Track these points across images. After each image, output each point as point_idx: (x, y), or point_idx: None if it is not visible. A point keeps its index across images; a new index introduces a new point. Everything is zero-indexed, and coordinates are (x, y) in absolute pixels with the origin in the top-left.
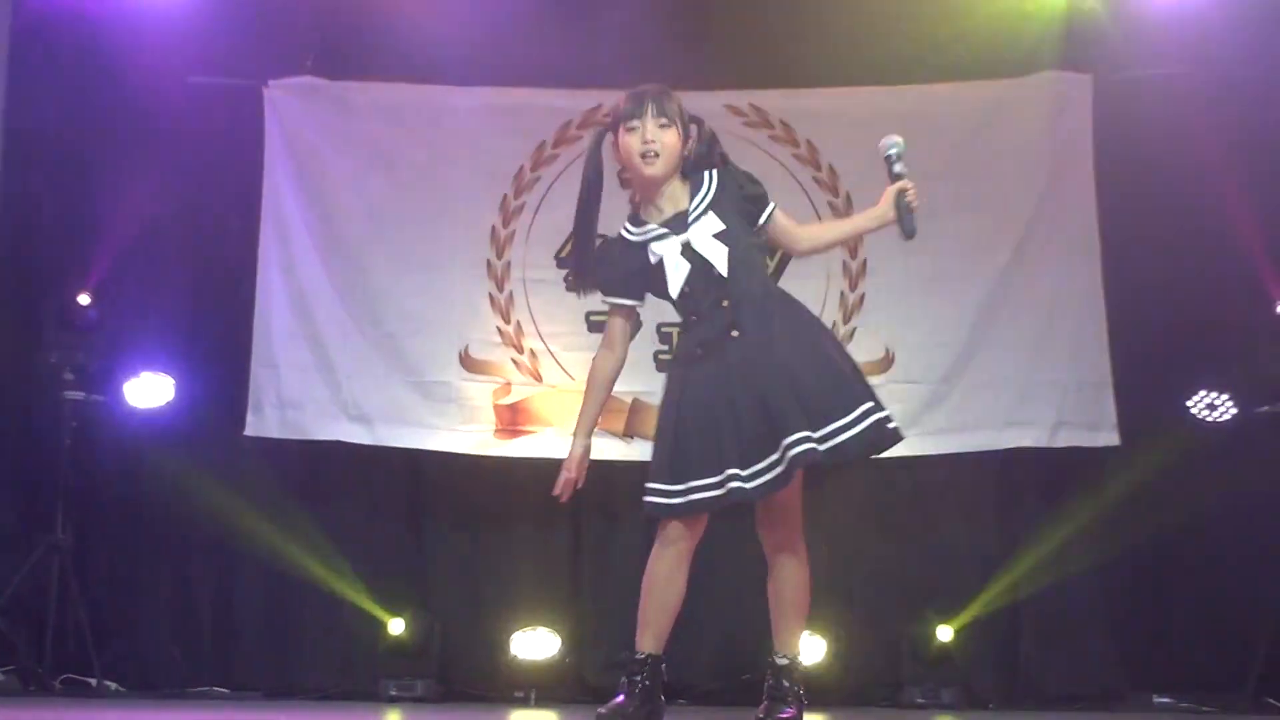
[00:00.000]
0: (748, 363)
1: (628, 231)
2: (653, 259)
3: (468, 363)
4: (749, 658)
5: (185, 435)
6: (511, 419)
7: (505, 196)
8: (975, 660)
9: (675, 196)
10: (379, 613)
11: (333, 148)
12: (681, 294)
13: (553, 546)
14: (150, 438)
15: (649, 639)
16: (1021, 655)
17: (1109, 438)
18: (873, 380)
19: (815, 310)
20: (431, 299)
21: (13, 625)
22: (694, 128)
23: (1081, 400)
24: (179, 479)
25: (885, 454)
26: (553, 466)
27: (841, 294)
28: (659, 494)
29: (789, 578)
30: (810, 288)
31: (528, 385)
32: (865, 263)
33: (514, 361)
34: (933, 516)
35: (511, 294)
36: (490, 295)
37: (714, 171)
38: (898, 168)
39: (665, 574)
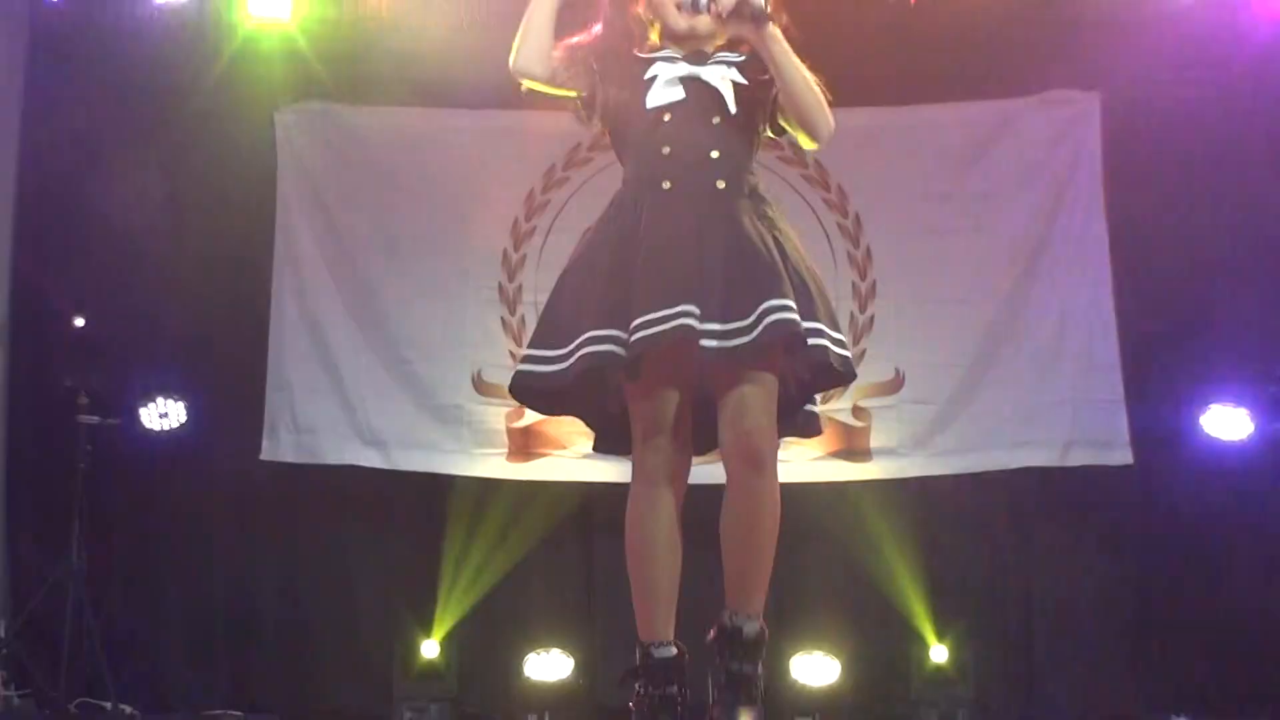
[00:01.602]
0: (730, 221)
1: (639, 54)
2: (646, 75)
3: (481, 386)
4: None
5: (200, 459)
6: (524, 442)
7: (516, 220)
8: (989, 680)
9: (702, 44)
10: (393, 635)
11: (344, 172)
12: (658, 120)
13: (565, 568)
14: (165, 461)
15: (663, 622)
16: (1036, 675)
17: (1123, 456)
18: (883, 401)
19: None
20: (444, 323)
21: (28, 648)
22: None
23: (1093, 418)
24: (194, 502)
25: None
26: (565, 489)
27: (851, 315)
28: (593, 342)
29: (759, 506)
30: None
31: None
32: (874, 284)
33: None
34: (946, 535)
35: (524, 317)
36: (503, 319)
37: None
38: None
39: (664, 529)
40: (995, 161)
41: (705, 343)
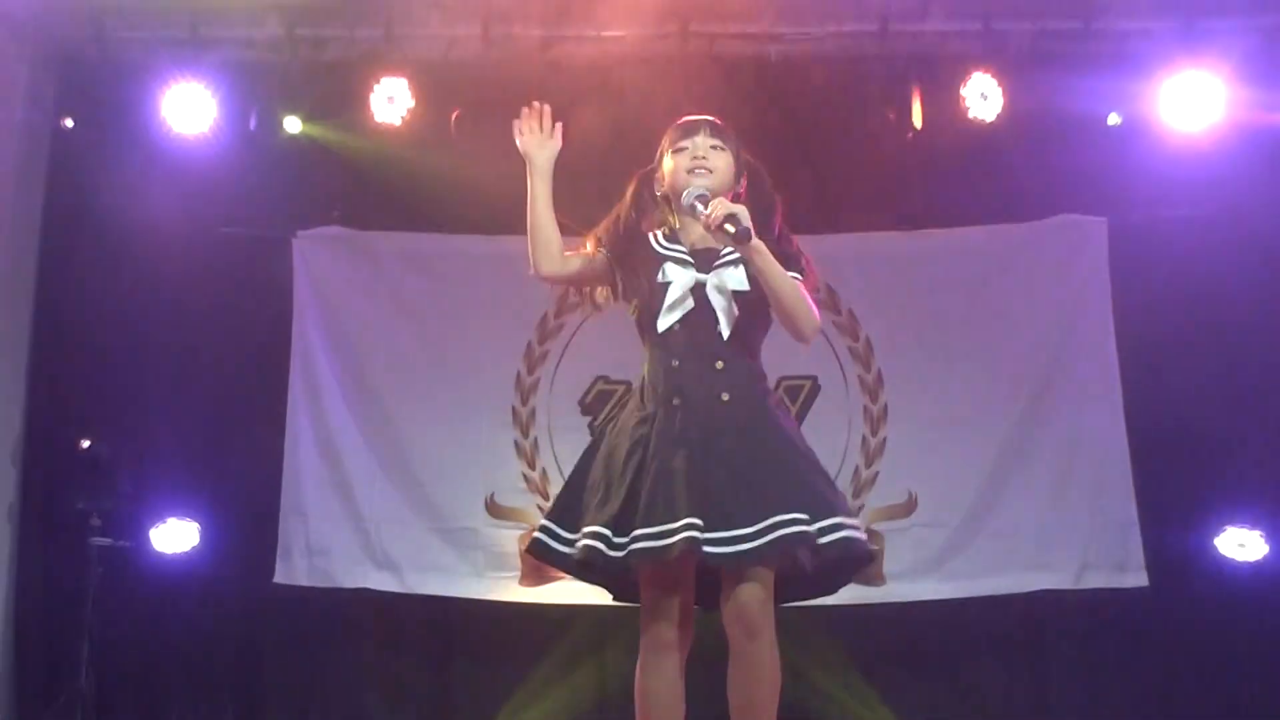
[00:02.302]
0: (732, 430)
1: (656, 240)
2: (661, 278)
3: (494, 509)
4: None
5: (211, 581)
6: (537, 566)
7: (529, 343)
8: None
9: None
10: None
11: (359, 296)
12: (669, 330)
13: (579, 688)
14: (176, 584)
15: None
16: None
17: (1137, 578)
18: (896, 524)
19: (838, 455)
20: (458, 446)
21: None
22: (748, 169)
23: (1107, 541)
24: (204, 625)
25: (912, 598)
26: (578, 612)
27: (864, 439)
28: (599, 539)
29: (759, 668)
30: (832, 433)
31: None
32: (886, 407)
33: (540, 508)
34: (962, 658)
35: (537, 441)
36: (516, 442)
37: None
38: (696, 205)
39: (666, 689)
40: (1005, 286)
41: (709, 549)
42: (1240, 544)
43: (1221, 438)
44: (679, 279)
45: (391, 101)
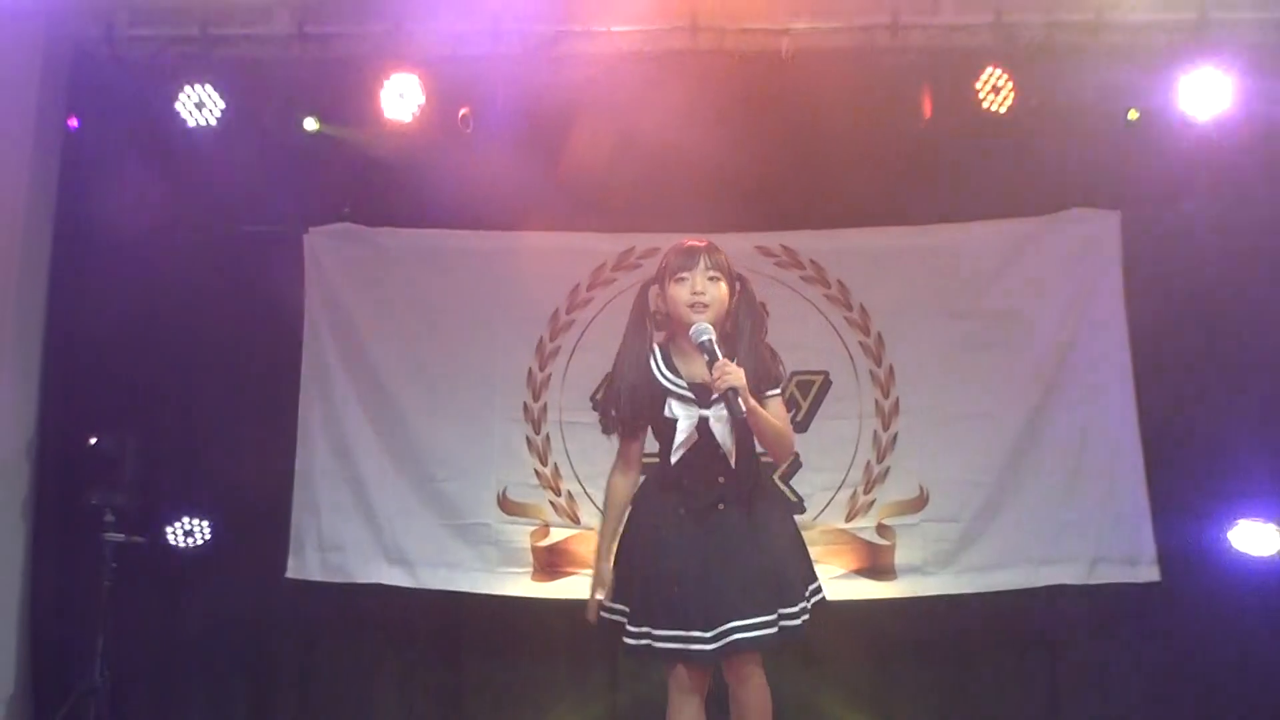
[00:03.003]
0: (726, 534)
1: (659, 371)
2: (668, 413)
3: (506, 505)
4: None
5: (224, 577)
6: (550, 561)
7: (541, 339)
8: None
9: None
10: None
11: (371, 292)
12: (682, 459)
13: (590, 684)
14: (189, 579)
15: None
16: None
17: (1149, 572)
18: (907, 519)
19: (849, 449)
20: (470, 442)
21: None
22: (739, 284)
23: (1119, 535)
24: (217, 620)
25: (924, 593)
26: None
27: (875, 433)
28: (641, 637)
29: (751, 706)
30: (843, 427)
31: (565, 527)
32: (897, 402)
33: (552, 504)
34: (974, 651)
35: (548, 436)
36: (528, 438)
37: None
38: (706, 356)
39: (686, 706)
40: (1016, 279)
41: (699, 646)
42: (1254, 537)
43: (1235, 431)
44: (684, 416)
45: (402, 98)
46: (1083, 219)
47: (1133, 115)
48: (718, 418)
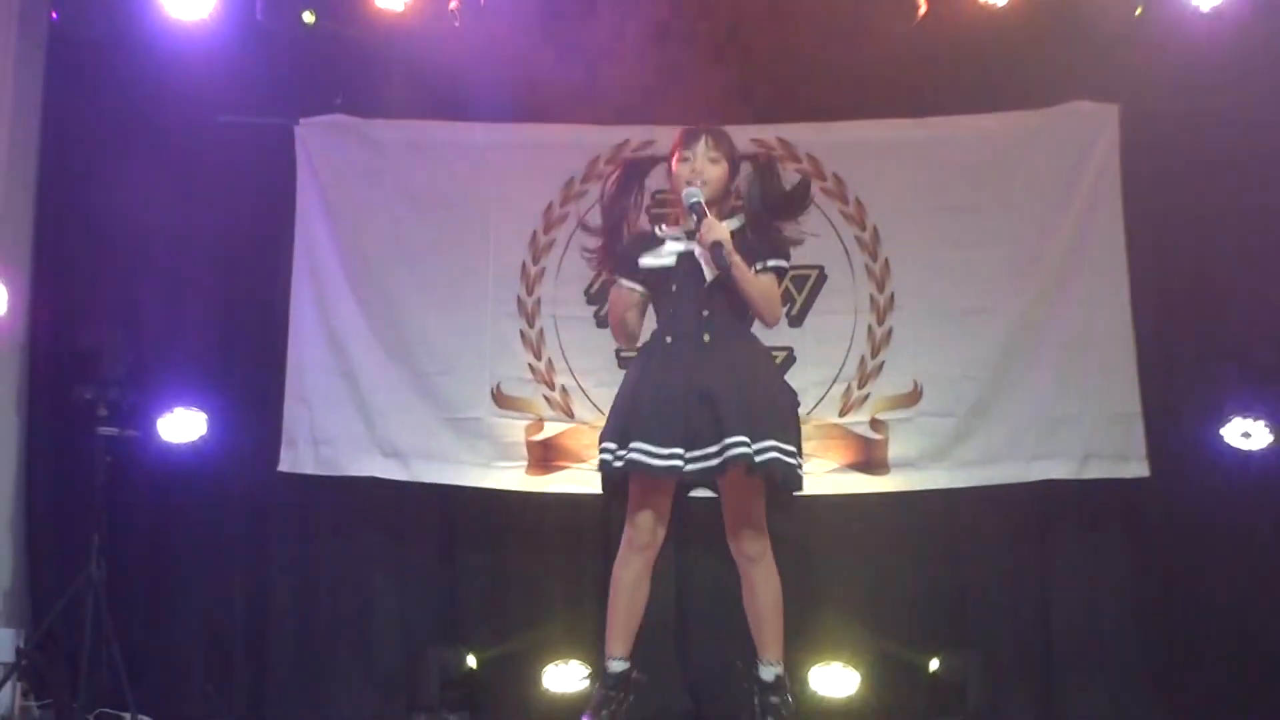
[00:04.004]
0: (708, 366)
1: (659, 229)
2: (664, 250)
3: (500, 400)
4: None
5: (218, 470)
6: (544, 455)
7: (535, 233)
8: (1008, 692)
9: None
10: (411, 647)
11: (363, 185)
12: (667, 290)
13: (584, 579)
14: (183, 473)
15: (620, 644)
16: (1054, 689)
17: (1138, 469)
18: (901, 413)
19: (844, 343)
20: (463, 336)
21: (47, 660)
22: (750, 165)
23: (1110, 431)
24: (212, 514)
25: (917, 487)
26: (584, 501)
27: (869, 328)
28: (607, 452)
29: (760, 585)
30: (838, 322)
31: (559, 422)
32: (893, 297)
33: (545, 398)
34: (965, 547)
35: (542, 330)
36: (521, 332)
37: (747, 221)
38: (693, 216)
39: (633, 579)
40: (1013, 174)
41: (692, 465)
42: (1245, 434)
43: (1231, 328)
44: (671, 248)
45: None
46: (1082, 112)
47: (1139, 11)
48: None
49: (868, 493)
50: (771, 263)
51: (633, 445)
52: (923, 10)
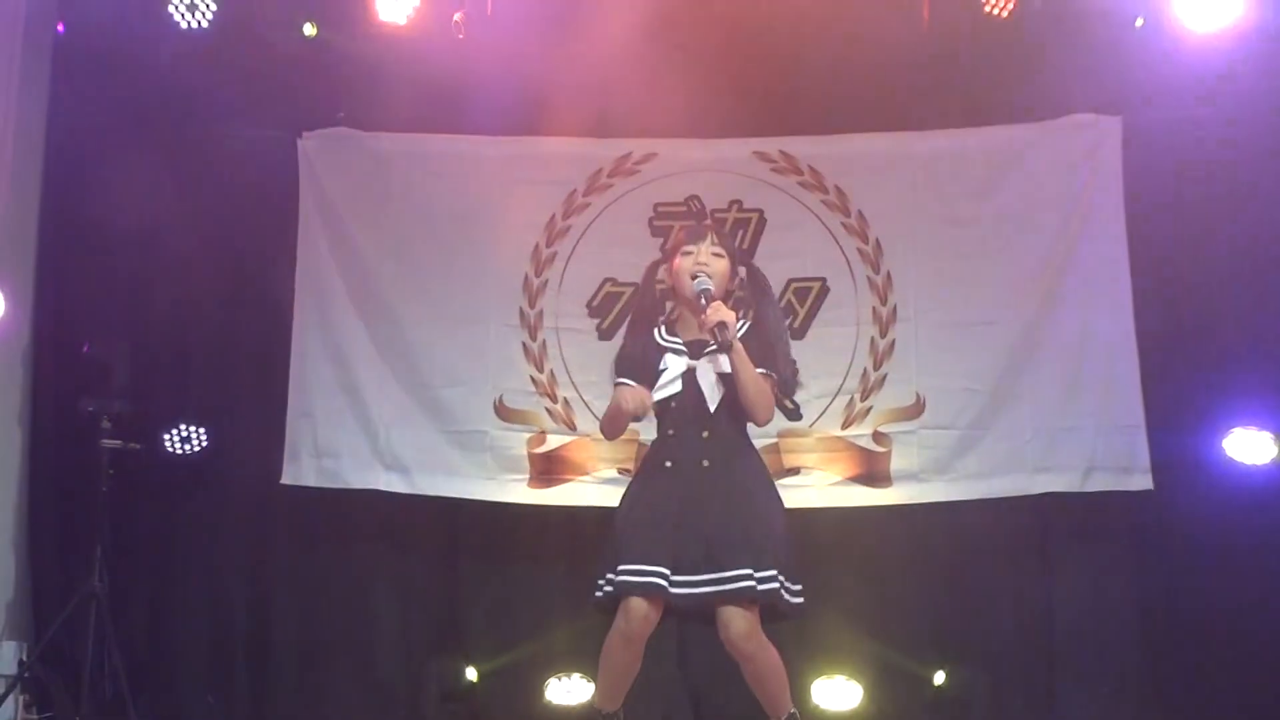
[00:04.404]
0: (709, 496)
1: (659, 335)
2: (661, 366)
3: (502, 412)
4: None
5: (221, 483)
6: (546, 468)
7: (537, 245)
8: (1012, 703)
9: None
10: (413, 659)
11: (365, 197)
12: (664, 405)
13: (586, 593)
14: (186, 486)
15: (608, 698)
16: (1056, 702)
17: (1142, 481)
18: (903, 426)
19: (846, 356)
20: (466, 349)
21: (50, 672)
22: (744, 269)
23: (1113, 444)
24: (214, 526)
25: (920, 500)
26: (586, 514)
27: (872, 340)
28: (607, 583)
29: (760, 658)
30: (840, 334)
31: (561, 434)
32: (895, 309)
33: (548, 411)
34: (969, 560)
35: (544, 343)
36: (524, 344)
37: (745, 321)
38: (703, 300)
39: (625, 649)
40: (1016, 185)
41: (676, 590)
42: (1248, 446)
43: (1233, 339)
44: (673, 366)
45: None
46: (1085, 125)
47: (1140, 22)
48: (702, 370)
49: (869, 505)
50: (761, 370)
51: (633, 568)
52: (926, 23)
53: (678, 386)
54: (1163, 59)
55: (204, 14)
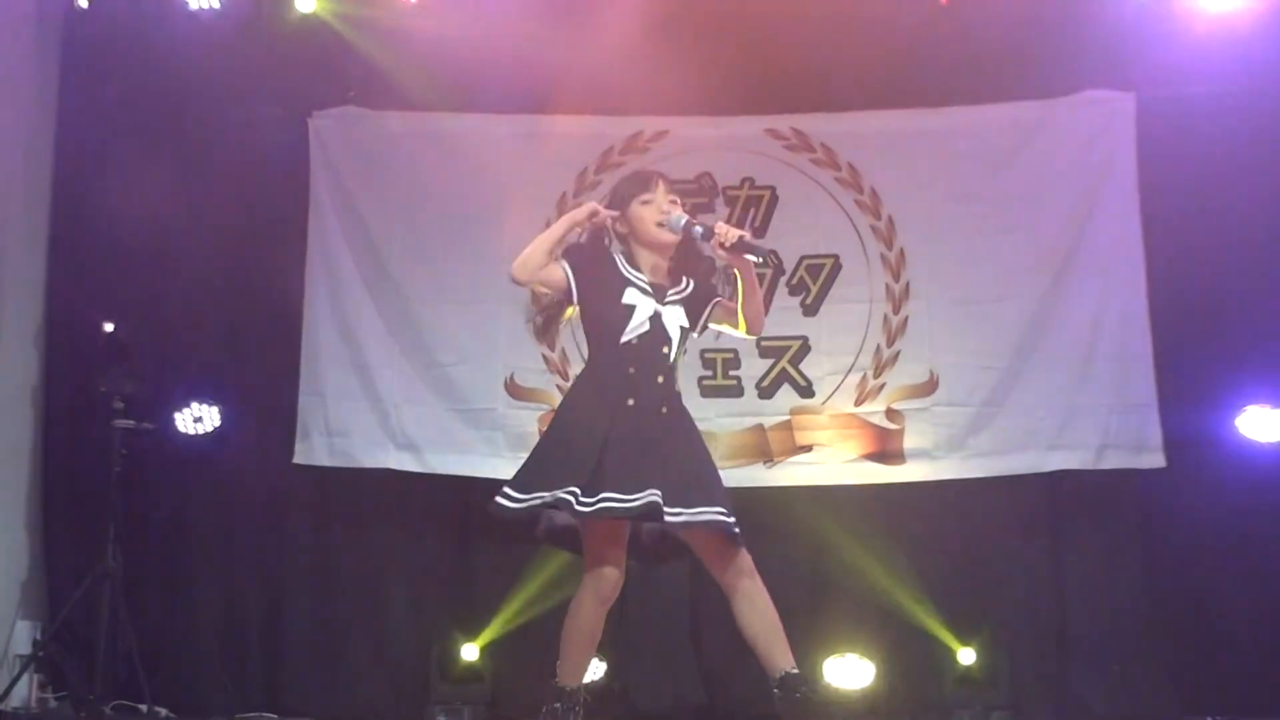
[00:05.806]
0: (669, 439)
1: (622, 264)
2: (625, 299)
3: (513, 390)
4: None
5: (233, 462)
6: None
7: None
8: (1024, 682)
9: (658, 268)
10: (426, 638)
11: (376, 177)
12: (627, 344)
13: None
14: (198, 465)
15: (572, 673)
16: (1069, 678)
17: (1154, 459)
18: (917, 403)
19: (859, 333)
20: (476, 327)
21: (64, 651)
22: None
23: (1126, 422)
24: (227, 505)
25: (933, 477)
26: None
27: (885, 317)
28: (571, 495)
29: (758, 597)
30: (853, 311)
31: None
32: (908, 286)
33: (559, 388)
34: (981, 537)
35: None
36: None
37: (692, 280)
38: (697, 229)
39: (594, 625)
40: (1030, 162)
41: (670, 518)
42: (1261, 424)
43: (1246, 317)
44: (642, 306)
45: None
46: (1098, 101)
47: None
48: (668, 316)
49: (883, 483)
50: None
51: (602, 495)
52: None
53: (646, 328)
54: (1178, 36)
55: None
